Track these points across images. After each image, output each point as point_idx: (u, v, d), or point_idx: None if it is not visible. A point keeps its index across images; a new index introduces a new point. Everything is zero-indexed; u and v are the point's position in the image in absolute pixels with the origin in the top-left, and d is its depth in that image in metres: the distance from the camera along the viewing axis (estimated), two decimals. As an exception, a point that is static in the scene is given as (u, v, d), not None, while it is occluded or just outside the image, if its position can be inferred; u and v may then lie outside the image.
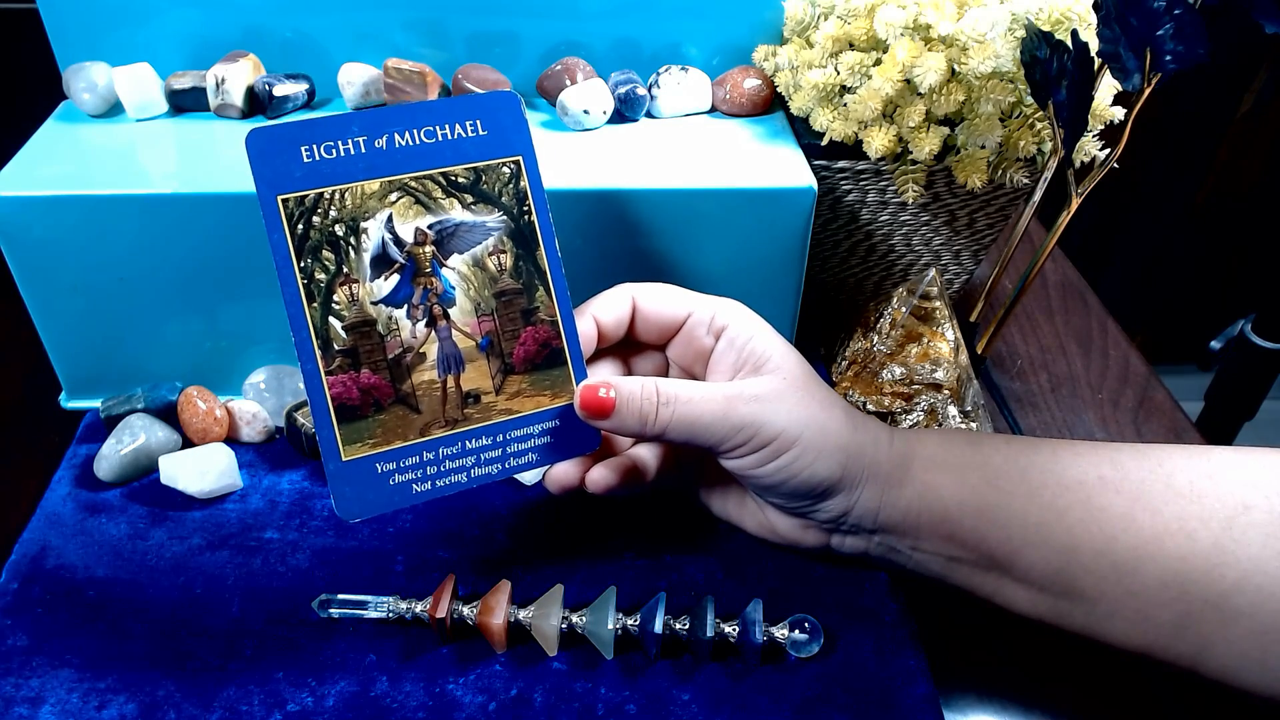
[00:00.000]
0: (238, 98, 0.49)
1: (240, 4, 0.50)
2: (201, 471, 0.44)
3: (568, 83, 0.51)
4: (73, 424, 0.49)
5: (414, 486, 0.38)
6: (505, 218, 0.38)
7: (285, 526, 0.44)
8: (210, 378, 0.49)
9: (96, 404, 0.49)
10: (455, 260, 0.38)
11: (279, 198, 0.36)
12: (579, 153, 0.48)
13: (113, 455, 0.45)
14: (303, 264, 0.36)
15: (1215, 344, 1.08)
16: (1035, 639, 0.41)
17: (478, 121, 0.38)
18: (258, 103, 0.50)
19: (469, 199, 0.38)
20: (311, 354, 0.36)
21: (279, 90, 0.49)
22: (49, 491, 0.45)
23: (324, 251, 0.36)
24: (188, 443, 0.47)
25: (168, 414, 0.48)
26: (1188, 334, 1.40)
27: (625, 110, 0.51)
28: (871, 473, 0.38)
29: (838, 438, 0.38)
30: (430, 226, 0.38)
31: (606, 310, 0.40)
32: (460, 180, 0.38)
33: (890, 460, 0.39)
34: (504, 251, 0.38)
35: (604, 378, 0.38)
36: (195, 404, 0.47)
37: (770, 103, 0.53)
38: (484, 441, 0.39)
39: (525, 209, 0.38)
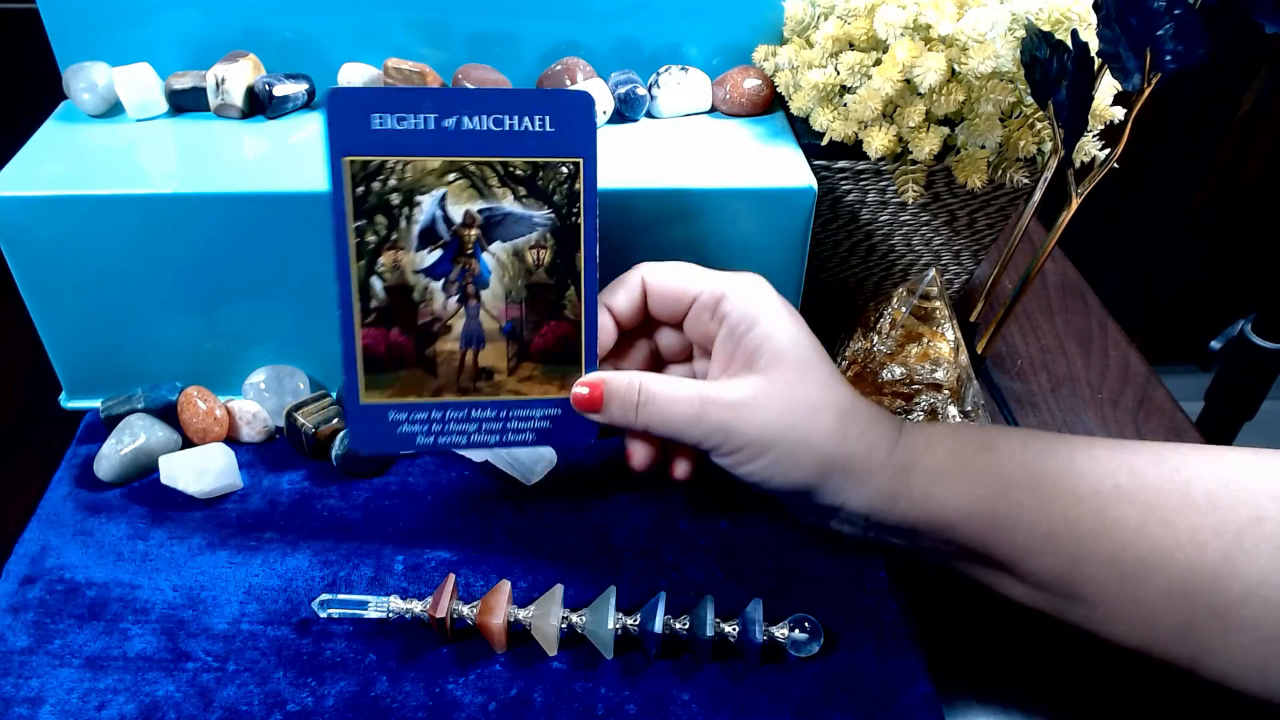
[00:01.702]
0: (238, 98, 0.49)
1: (240, 4, 0.50)
2: (201, 471, 0.44)
3: (568, 83, 0.51)
4: (73, 424, 0.49)
5: (418, 437, 0.41)
6: (554, 215, 0.40)
7: (285, 526, 0.44)
8: (210, 378, 0.49)
9: (96, 404, 0.49)
10: (497, 247, 0.39)
11: (345, 159, 0.37)
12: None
13: (113, 455, 0.45)
14: (357, 224, 0.38)
15: (1215, 344, 1.08)
16: (1037, 640, 0.41)
17: (547, 118, 0.38)
18: (258, 103, 0.50)
19: (522, 191, 0.39)
20: (350, 305, 0.39)
21: (279, 90, 0.49)
22: (49, 491, 0.45)
23: (378, 216, 0.38)
24: (188, 443, 0.47)
25: (168, 414, 0.48)
26: (1188, 334, 1.40)
27: (625, 110, 0.51)
28: (860, 483, 0.38)
29: (819, 447, 0.37)
30: (480, 211, 0.39)
31: (618, 296, 0.41)
32: (518, 172, 0.39)
33: (885, 473, 0.38)
34: (544, 247, 0.40)
35: (598, 374, 0.40)
36: (195, 404, 0.47)
37: (770, 103, 0.53)
38: (488, 414, 0.41)
39: (574, 210, 0.40)
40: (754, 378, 0.38)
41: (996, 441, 0.38)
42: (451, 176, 0.38)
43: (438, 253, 0.39)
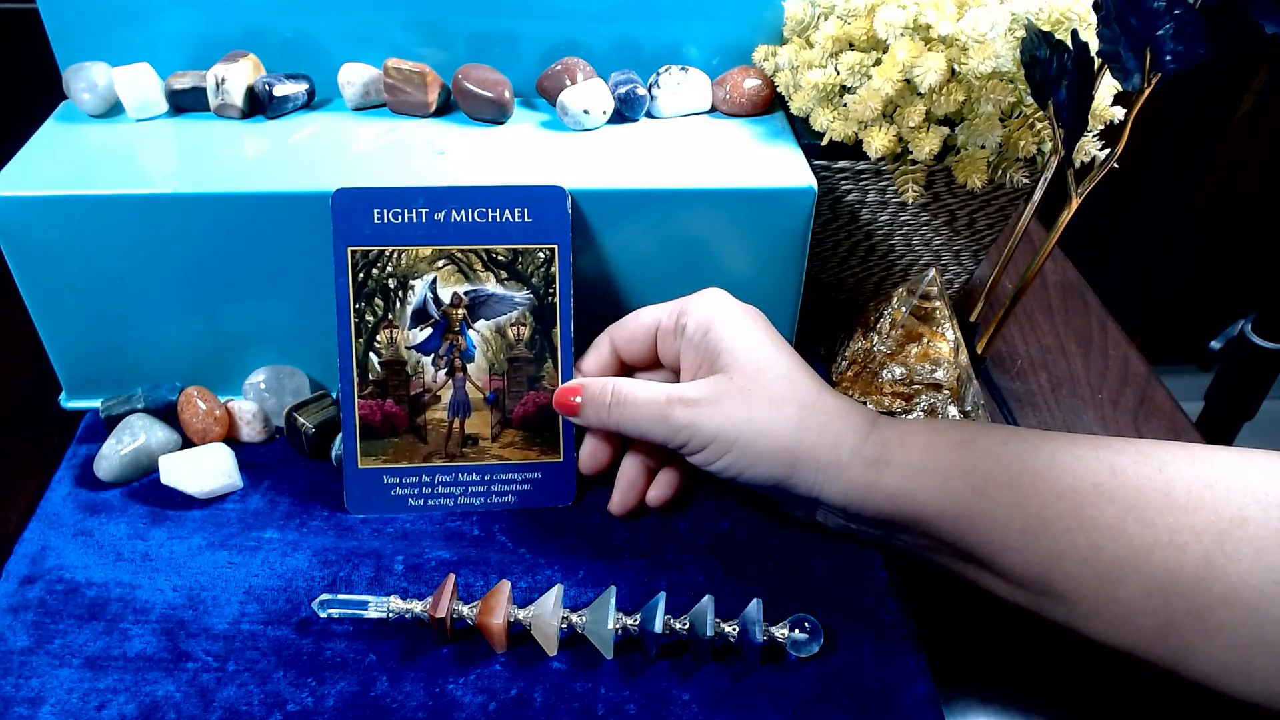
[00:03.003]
0: (238, 98, 0.49)
1: (240, 4, 0.50)
2: (201, 471, 0.44)
3: (568, 83, 0.51)
4: (73, 424, 0.49)
5: (409, 500, 0.45)
6: (532, 296, 0.44)
7: (285, 526, 0.44)
8: (210, 378, 0.49)
9: (96, 404, 0.49)
10: (481, 324, 0.44)
11: (349, 249, 0.42)
12: (579, 153, 0.48)
13: (113, 455, 0.45)
14: (357, 306, 0.43)
15: (1215, 344, 1.08)
16: (1037, 640, 0.41)
17: (525, 210, 0.43)
18: (258, 103, 0.50)
19: (504, 275, 0.44)
20: (350, 379, 0.43)
21: (279, 90, 0.49)
22: (49, 491, 0.45)
23: (376, 299, 0.43)
24: (188, 443, 0.47)
25: (168, 414, 0.48)
26: (1188, 334, 1.40)
27: (625, 110, 0.51)
28: (829, 475, 0.38)
29: (781, 440, 0.38)
30: (466, 293, 0.44)
31: (589, 360, 0.45)
32: (500, 258, 0.43)
33: (856, 466, 0.38)
34: (524, 324, 0.44)
35: (578, 380, 0.43)
36: (195, 404, 0.47)
37: (770, 103, 0.53)
38: (473, 478, 0.45)
39: (550, 291, 0.44)
40: (714, 376, 0.40)
41: (976, 438, 0.38)
42: (441, 262, 0.43)
43: (428, 330, 0.44)
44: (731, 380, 0.39)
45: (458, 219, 0.43)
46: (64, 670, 0.38)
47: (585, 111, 0.50)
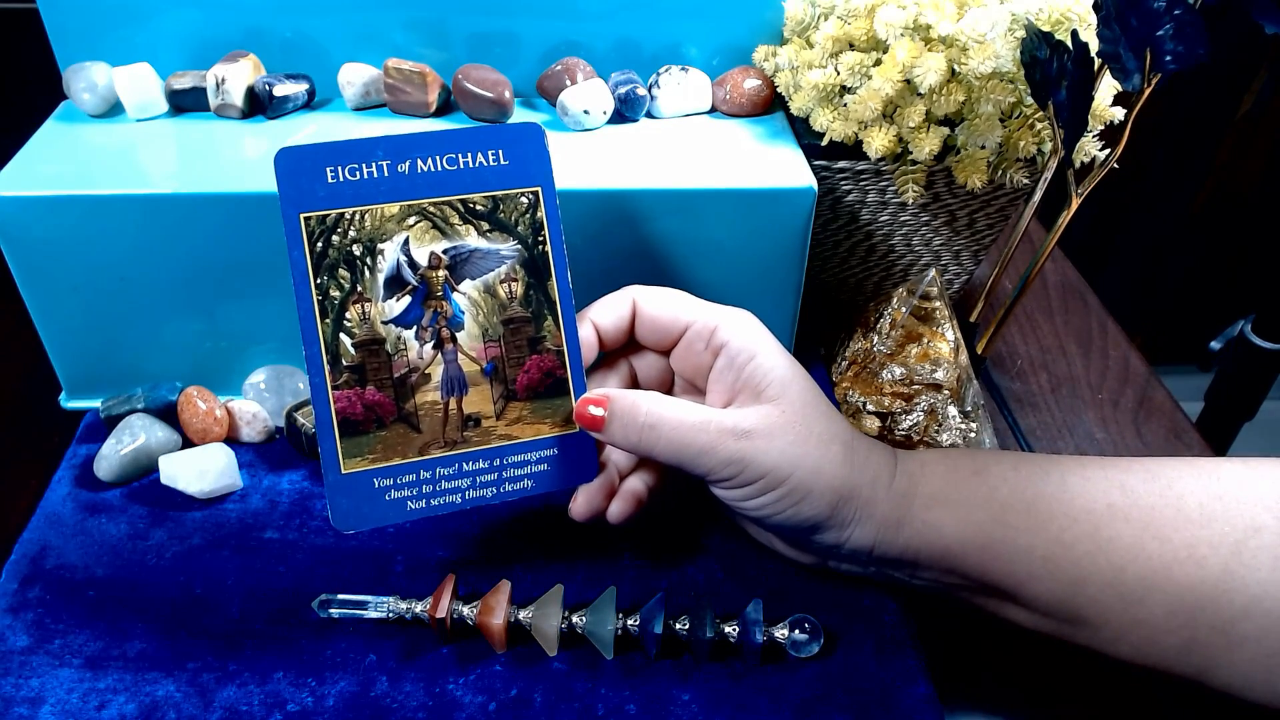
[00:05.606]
0: (238, 98, 0.49)
1: (240, 4, 0.50)
2: (201, 471, 0.44)
3: (568, 83, 0.51)
4: (73, 424, 0.49)
5: (409, 503, 0.39)
6: (519, 246, 0.39)
7: (285, 526, 0.44)
8: (210, 378, 0.49)
9: (96, 404, 0.49)
10: (467, 285, 0.39)
11: (301, 216, 0.37)
12: (579, 153, 0.48)
13: (113, 455, 0.45)
14: (319, 281, 0.37)
15: (1215, 344, 1.08)
16: (1036, 640, 0.41)
17: (500, 151, 0.39)
18: (258, 103, 0.50)
19: (485, 226, 0.39)
20: (320, 368, 0.37)
21: (279, 90, 0.49)
22: (49, 491, 0.45)
23: (340, 270, 0.37)
24: (188, 443, 0.47)
25: (168, 414, 0.48)
26: (1188, 334, 1.40)
27: (625, 110, 0.51)
28: (866, 514, 0.37)
29: (830, 479, 0.36)
30: (445, 251, 0.38)
31: (606, 314, 0.40)
32: (478, 207, 0.39)
33: (889, 501, 0.37)
34: (515, 280, 0.39)
35: (604, 390, 0.38)
36: (195, 404, 0.47)
37: (770, 103, 0.53)
38: (481, 465, 0.39)
39: (540, 239, 0.39)
40: (764, 407, 0.37)
41: (987, 465, 0.38)
42: (412, 220, 0.38)
43: (406, 299, 0.38)
44: (782, 413, 0.37)
45: (425, 169, 0.38)
46: (64, 670, 0.38)
47: (585, 111, 0.50)
